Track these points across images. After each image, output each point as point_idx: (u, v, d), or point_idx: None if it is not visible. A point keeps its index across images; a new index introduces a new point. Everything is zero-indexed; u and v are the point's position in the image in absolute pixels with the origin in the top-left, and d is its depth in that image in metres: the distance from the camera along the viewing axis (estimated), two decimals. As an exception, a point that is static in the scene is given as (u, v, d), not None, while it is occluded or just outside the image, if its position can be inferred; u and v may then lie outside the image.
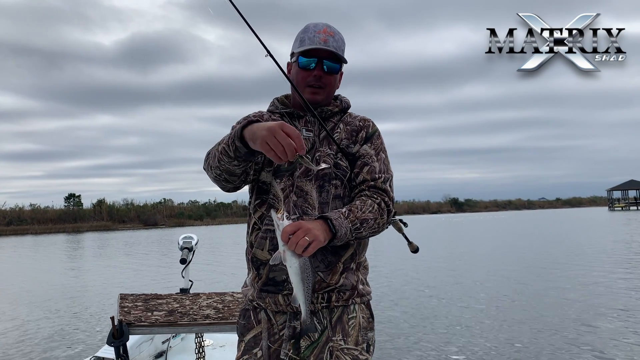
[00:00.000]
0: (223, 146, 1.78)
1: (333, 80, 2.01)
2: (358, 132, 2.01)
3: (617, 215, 60.90)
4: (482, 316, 8.45)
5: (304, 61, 1.97)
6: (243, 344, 1.96)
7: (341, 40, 2.01)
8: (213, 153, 1.85)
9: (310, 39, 1.96)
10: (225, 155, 1.78)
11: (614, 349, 6.39)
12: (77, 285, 14.48)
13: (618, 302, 9.19)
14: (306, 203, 1.90)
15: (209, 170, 1.90)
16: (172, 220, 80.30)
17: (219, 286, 11.69)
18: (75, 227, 69.55)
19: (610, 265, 14.48)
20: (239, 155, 1.75)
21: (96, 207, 79.53)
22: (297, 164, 1.90)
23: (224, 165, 1.81)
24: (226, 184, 1.90)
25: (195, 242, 4.22)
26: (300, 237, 1.62)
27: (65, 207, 80.00)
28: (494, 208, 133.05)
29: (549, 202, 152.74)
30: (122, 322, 2.93)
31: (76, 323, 9.22)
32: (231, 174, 1.84)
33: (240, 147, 1.72)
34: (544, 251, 19.34)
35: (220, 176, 1.86)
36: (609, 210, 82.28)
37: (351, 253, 1.93)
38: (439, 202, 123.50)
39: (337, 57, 1.98)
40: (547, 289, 10.79)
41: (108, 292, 12.37)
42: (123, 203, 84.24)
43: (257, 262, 1.94)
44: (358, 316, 1.94)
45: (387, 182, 1.96)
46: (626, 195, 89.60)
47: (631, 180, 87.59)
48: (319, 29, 1.97)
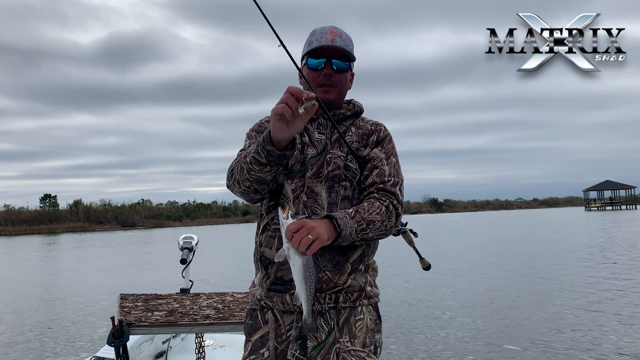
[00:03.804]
0: (252, 155, 1.79)
1: (343, 78, 2.02)
2: (369, 136, 2.03)
3: (594, 215, 61.99)
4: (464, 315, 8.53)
5: (314, 62, 1.99)
6: (250, 344, 1.96)
7: (348, 40, 2.03)
8: (240, 167, 1.85)
9: (318, 40, 1.99)
10: (256, 164, 1.78)
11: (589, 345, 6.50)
12: (77, 286, 14.39)
13: (597, 299, 9.40)
14: (316, 204, 1.90)
15: (236, 185, 1.90)
16: (150, 221, 79.60)
17: (219, 286, 11.72)
18: (51, 229, 68.51)
19: (586, 262, 14.76)
20: (272, 159, 1.76)
21: (72, 208, 78.52)
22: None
23: (254, 175, 1.81)
24: (255, 195, 1.91)
25: (195, 242, 4.23)
26: (304, 235, 1.63)
27: (41, 208, 78.89)
28: (472, 208, 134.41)
29: (527, 203, 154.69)
30: (122, 322, 2.92)
31: (76, 323, 9.20)
32: (261, 183, 1.84)
33: (272, 150, 1.74)
34: (528, 251, 19.60)
35: (250, 188, 1.86)
36: (585, 210, 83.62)
37: (359, 254, 1.93)
38: (419, 203, 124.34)
39: (346, 55, 1.99)
40: (538, 289, 10.96)
41: (108, 292, 12.32)
42: (100, 204, 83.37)
43: (266, 262, 1.95)
44: (365, 318, 1.94)
45: (397, 186, 1.96)
46: (602, 196, 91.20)
47: (607, 180, 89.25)
48: (326, 30, 2.00)
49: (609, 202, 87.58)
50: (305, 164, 1.94)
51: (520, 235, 29.49)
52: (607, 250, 18.57)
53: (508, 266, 14.91)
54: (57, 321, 9.48)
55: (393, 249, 5.75)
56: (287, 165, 1.93)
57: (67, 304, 11.30)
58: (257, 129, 2.07)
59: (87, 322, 9.23)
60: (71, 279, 16.13)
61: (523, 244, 23.05)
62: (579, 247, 19.83)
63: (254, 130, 2.07)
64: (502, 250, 20.55)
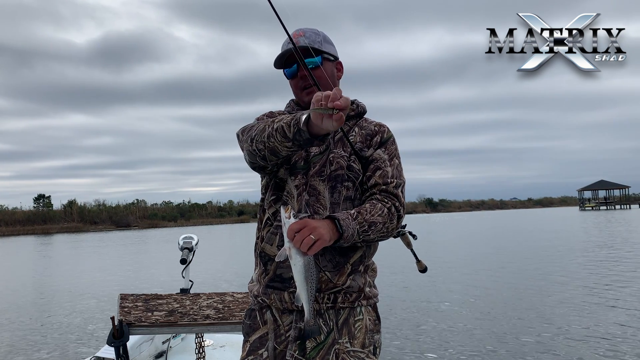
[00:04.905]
0: (282, 124, 1.72)
1: (321, 73, 1.97)
2: (373, 137, 2.02)
3: (588, 214, 62.26)
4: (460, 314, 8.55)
5: (288, 71, 2.02)
6: (248, 344, 1.95)
7: (314, 34, 2.02)
8: (262, 127, 1.80)
9: (283, 48, 2.00)
10: (281, 134, 1.72)
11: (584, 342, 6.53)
12: (77, 286, 14.33)
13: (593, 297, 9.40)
14: (318, 203, 1.90)
15: (247, 141, 1.85)
16: (145, 221, 79.47)
17: (219, 286, 11.72)
18: (45, 229, 68.28)
19: (586, 262, 14.80)
20: (298, 139, 1.70)
21: (67, 208, 78.28)
22: None
23: (272, 144, 1.76)
24: (260, 161, 1.86)
25: (195, 243, 4.23)
26: (306, 235, 1.62)
27: (35, 208, 78.59)
28: (467, 208, 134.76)
29: (521, 202, 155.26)
30: (122, 322, 2.92)
31: (76, 323, 9.18)
32: (274, 154, 1.79)
33: (305, 131, 1.67)
34: (527, 251, 19.65)
35: (261, 152, 1.81)
36: (579, 210, 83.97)
37: (360, 255, 1.93)
38: (414, 202, 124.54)
39: (315, 50, 1.96)
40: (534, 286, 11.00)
41: (108, 292, 12.28)
42: (94, 204, 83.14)
43: (265, 258, 1.95)
44: (364, 318, 1.94)
45: (399, 188, 1.95)
46: (596, 195, 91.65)
47: (601, 180, 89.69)
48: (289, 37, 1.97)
49: (603, 202, 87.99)
50: (309, 161, 1.94)
51: (519, 235, 29.55)
52: (605, 248, 18.65)
53: (507, 266, 14.94)
54: (57, 321, 9.44)
55: (392, 249, 5.75)
56: (291, 160, 1.93)
57: (66, 304, 11.24)
58: (269, 114, 2.05)
59: (87, 322, 9.19)
60: (70, 279, 16.06)
61: (521, 244, 23.11)
62: (578, 247, 19.88)
63: (266, 115, 2.04)
64: (502, 250, 20.56)
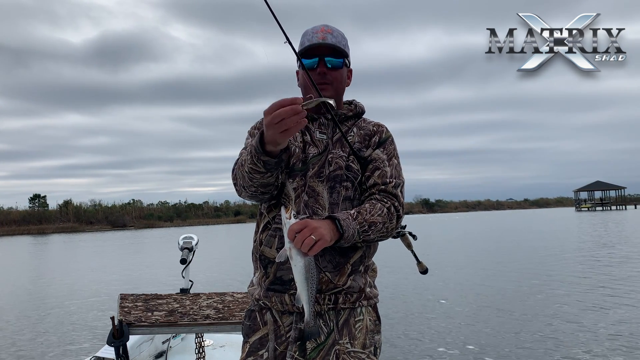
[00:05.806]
0: (249, 166, 1.76)
1: (339, 75, 1.99)
2: (371, 137, 2.02)
3: (584, 215, 62.43)
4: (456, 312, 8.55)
5: (307, 62, 1.97)
6: (248, 345, 1.94)
7: (341, 36, 2.01)
8: (241, 175, 1.84)
9: (309, 39, 1.97)
10: (256, 173, 1.76)
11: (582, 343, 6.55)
12: (76, 286, 14.33)
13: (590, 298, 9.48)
14: (317, 203, 1.90)
15: (243, 191, 1.89)
16: (141, 221, 79.33)
17: (219, 286, 11.66)
18: (40, 229, 68.09)
19: (585, 262, 14.88)
20: (270, 166, 1.73)
21: (62, 208, 78.06)
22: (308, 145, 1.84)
23: (257, 182, 1.80)
24: (263, 196, 1.90)
25: (195, 242, 4.23)
26: (307, 236, 1.61)
27: (30, 208, 78.37)
28: (463, 208, 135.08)
29: (517, 203, 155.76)
30: (122, 322, 2.92)
31: (76, 323, 9.17)
32: (266, 186, 1.83)
33: (268, 160, 1.70)
34: (525, 251, 19.69)
35: (256, 191, 1.85)
36: (575, 211, 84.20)
37: (360, 255, 1.93)
38: (411, 203, 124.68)
39: (339, 52, 1.97)
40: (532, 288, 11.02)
41: (107, 293, 12.28)
42: (90, 204, 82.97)
43: (265, 261, 1.94)
44: (365, 319, 1.94)
45: (398, 188, 1.95)
46: (592, 196, 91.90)
47: (597, 181, 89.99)
48: (317, 29, 1.98)
49: (599, 203, 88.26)
50: (307, 163, 1.93)
51: (515, 236, 29.61)
52: (604, 248, 18.72)
53: (506, 266, 14.99)
54: (57, 321, 9.44)
55: (392, 249, 5.76)
56: (289, 163, 1.92)
57: (66, 304, 11.23)
58: (259, 126, 2.02)
59: (87, 322, 9.19)
60: (69, 279, 16.06)
61: (517, 245, 23.16)
62: (577, 246, 19.96)
63: (256, 127, 2.03)
64: (501, 250, 20.63)
